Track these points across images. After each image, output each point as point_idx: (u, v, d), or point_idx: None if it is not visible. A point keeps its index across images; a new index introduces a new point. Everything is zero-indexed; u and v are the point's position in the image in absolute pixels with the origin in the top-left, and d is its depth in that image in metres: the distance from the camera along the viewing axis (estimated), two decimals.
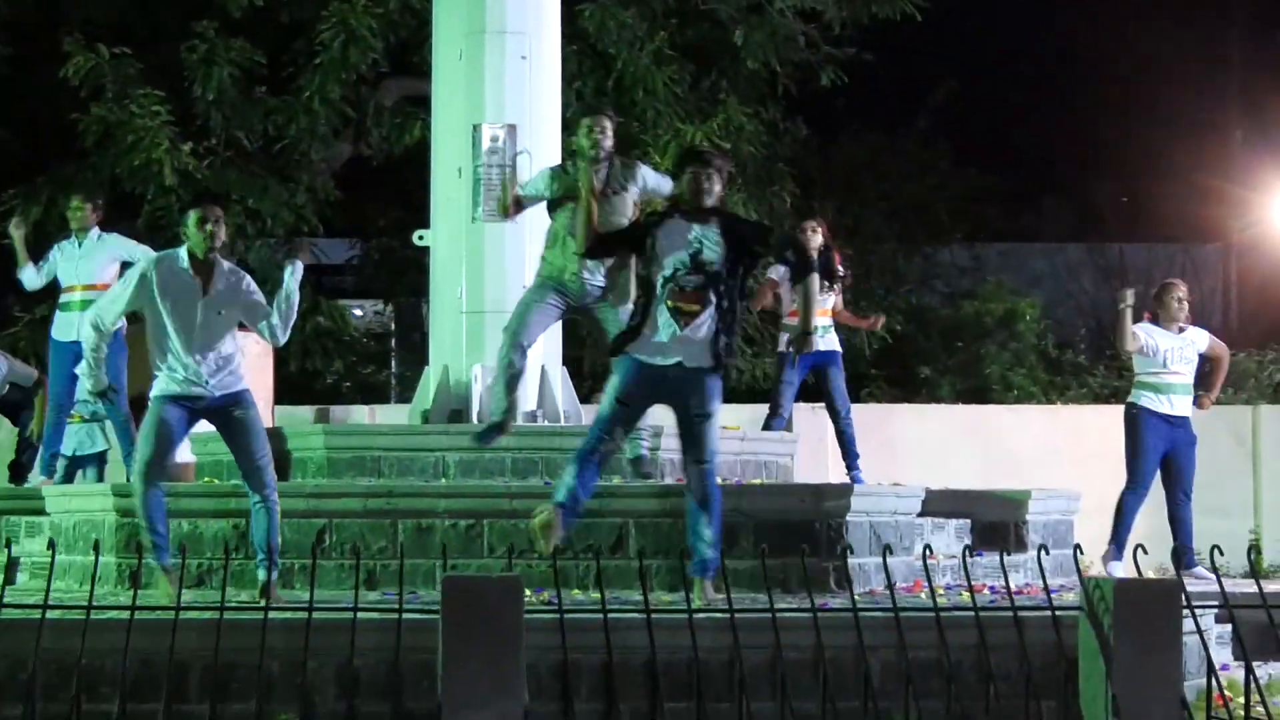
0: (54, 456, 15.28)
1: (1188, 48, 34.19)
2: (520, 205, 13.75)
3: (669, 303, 10.83)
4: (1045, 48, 36.79)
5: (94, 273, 14.99)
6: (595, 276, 12.97)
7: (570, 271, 12.94)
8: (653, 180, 13.28)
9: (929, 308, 29.27)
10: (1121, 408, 15.22)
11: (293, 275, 11.74)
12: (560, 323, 14.01)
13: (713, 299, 10.81)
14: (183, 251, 11.41)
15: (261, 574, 11.21)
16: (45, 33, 24.19)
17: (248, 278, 11.76)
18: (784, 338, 15.98)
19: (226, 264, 11.63)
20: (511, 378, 13.07)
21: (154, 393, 11.38)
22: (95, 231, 15.26)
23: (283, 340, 12.18)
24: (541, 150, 14.84)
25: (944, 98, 32.24)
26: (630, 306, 11.85)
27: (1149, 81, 33.56)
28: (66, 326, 15.05)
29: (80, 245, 15.16)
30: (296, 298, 11.80)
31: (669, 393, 11.07)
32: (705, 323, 10.83)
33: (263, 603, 9.98)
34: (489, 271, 14.59)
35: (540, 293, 13.13)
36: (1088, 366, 27.13)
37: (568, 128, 15.12)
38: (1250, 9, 32.62)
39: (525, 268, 14.12)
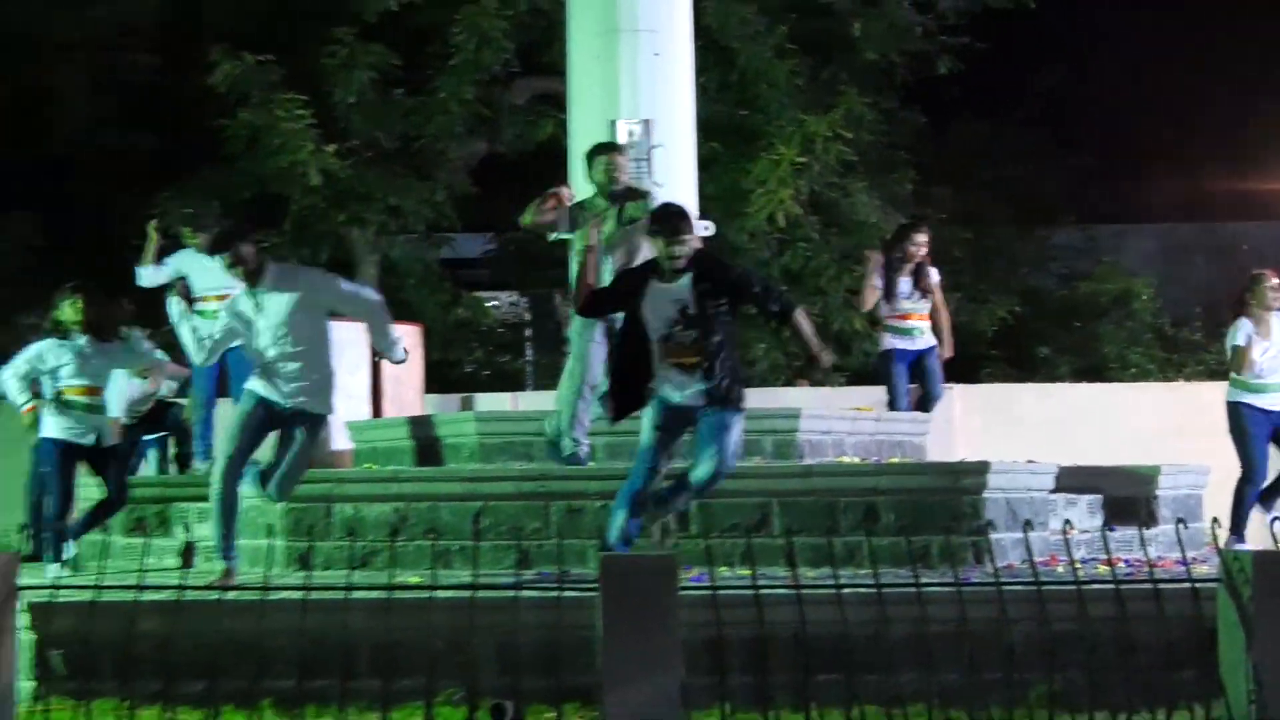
0: (209, 447, 15.41)
1: None
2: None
3: (670, 360, 11.01)
4: (1152, 31, 36.48)
5: (224, 282, 15.07)
6: None
7: None
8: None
9: (1044, 289, 29.09)
10: None
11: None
12: None
13: (710, 344, 10.94)
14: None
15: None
16: (191, 43, 24.41)
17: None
18: (885, 336, 15.97)
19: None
20: (576, 418, 13.15)
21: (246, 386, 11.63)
22: None
23: (401, 356, 12.30)
24: (675, 143, 14.90)
25: (1053, 82, 32.07)
26: None
27: (1262, 59, 33.22)
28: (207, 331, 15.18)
29: (212, 256, 15.20)
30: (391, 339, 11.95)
31: (696, 419, 11.20)
32: (705, 367, 10.96)
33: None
34: (629, 264, 14.60)
35: (588, 332, 13.18)
36: (1203, 343, 26.88)
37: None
38: None
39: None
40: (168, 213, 22.23)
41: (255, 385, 11.57)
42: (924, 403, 15.99)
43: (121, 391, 14.01)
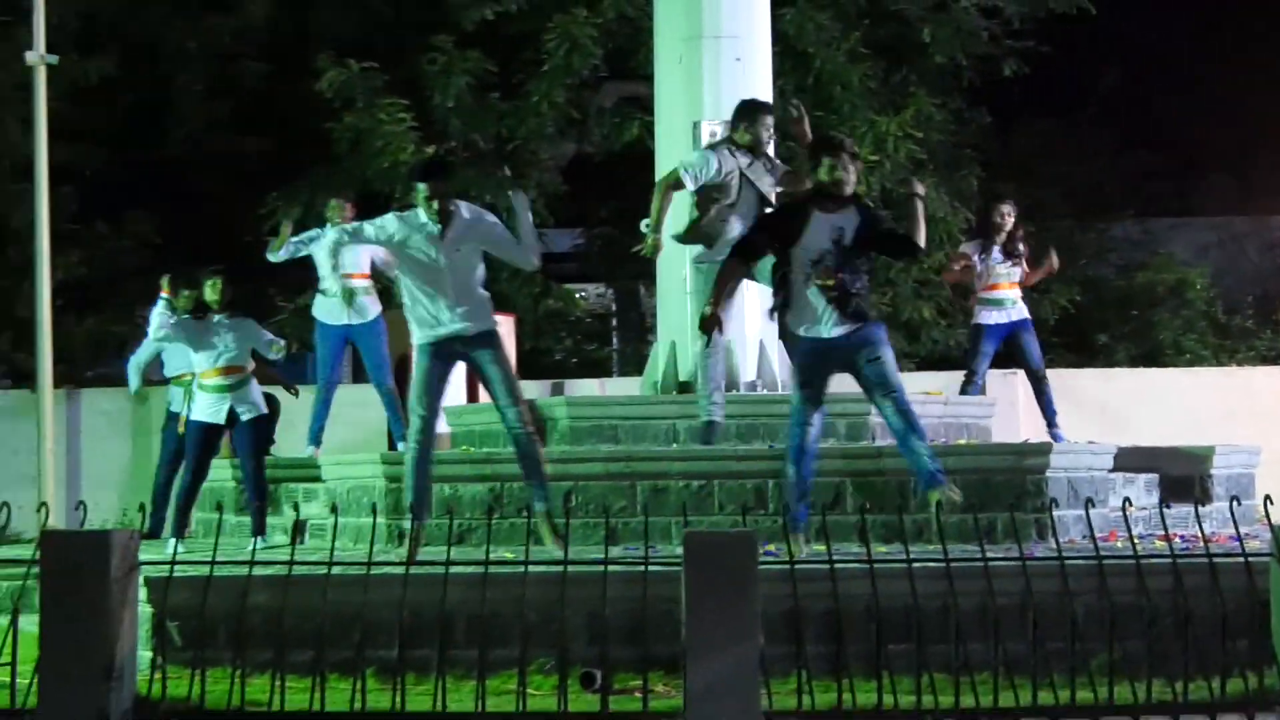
0: (320, 429, 15.45)
1: None
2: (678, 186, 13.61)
3: (817, 281, 10.97)
4: (1206, 34, 36.26)
5: (356, 263, 15.14)
6: None
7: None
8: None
9: (1103, 279, 28.91)
10: None
11: (519, 203, 11.87)
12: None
13: (849, 273, 10.95)
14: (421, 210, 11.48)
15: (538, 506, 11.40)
16: (298, 51, 24.54)
17: (488, 215, 11.85)
18: (978, 310, 15.85)
19: (464, 207, 11.67)
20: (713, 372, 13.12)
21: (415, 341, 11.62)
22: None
23: (536, 263, 12.33)
24: None
25: (1112, 83, 31.90)
26: None
27: None
28: (329, 310, 15.25)
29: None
30: (529, 218, 11.85)
31: (840, 360, 11.18)
32: (844, 291, 10.96)
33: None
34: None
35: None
36: (1255, 330, 26.71)
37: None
38: None
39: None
40: (280, 212, 22.50)
41: (419, 338, 11.54)
42: (1034, 382, 15.83)
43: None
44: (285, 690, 8.55)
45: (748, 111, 13.36)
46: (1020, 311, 15.74)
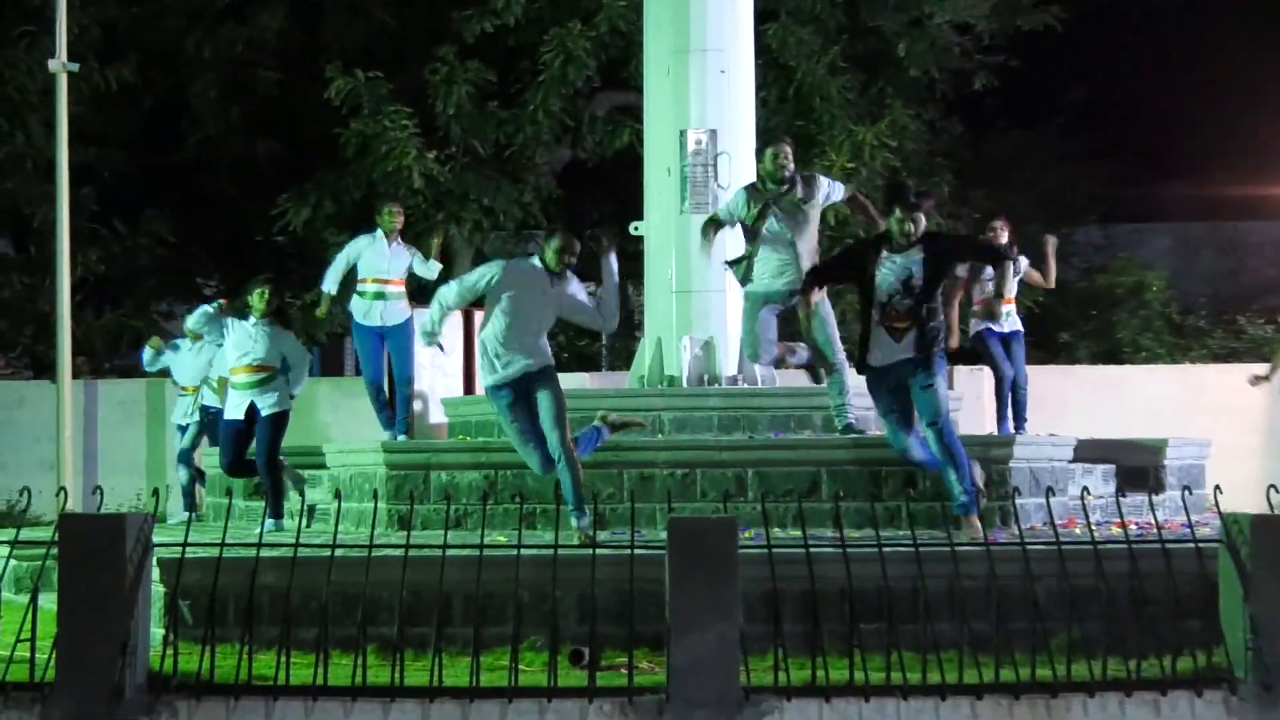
0: (390, 418, 15.27)
1: None
2: (719, 226, 13.74)
3: (886, 324, 11.24)
4: (1168, 48, 36.28)
5: (399, 270, 15.09)
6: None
7: (775, 289, 13.06)
8: (828, 188, 13.33)
9: (1067, 281, 28.74)
10: (1239, 366, 14.99)
11: (609, 268, 12.12)
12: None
13: (922, 313, 11.18)
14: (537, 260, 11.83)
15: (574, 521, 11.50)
16: (308, 60, 24.54)
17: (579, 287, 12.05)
18: (973, 323, 15.86)
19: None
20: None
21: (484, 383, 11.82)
22: (399, 239, 15.28)
23: (613, 326, 12.53)
24: (739, 151, 14.90)
25: (1078, 97, 31.92)
26: None
27: (1265, 75, 32.99)
28: (365, 312, 15.10)
29: (389, 246, 15.15)
30: (615, 282, 12.18)
31: (902, 381, 11.40)
32: (914, 331, 11.22)
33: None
34: (694, 256, 14.60)
35: (755, 311, 13.26)
36: (1208, 330, 26.73)
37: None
38: None
39: (726, 253, 14.13)
40: (287, 212, 22.48)
41: (489, 381, 11.74)
42: (1014, 389, 15.78)
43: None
44: (290, 665, 8.56)
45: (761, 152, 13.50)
46: (1013, 325, 15.76)
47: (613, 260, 12.07)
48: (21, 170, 23.62)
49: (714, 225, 13.83)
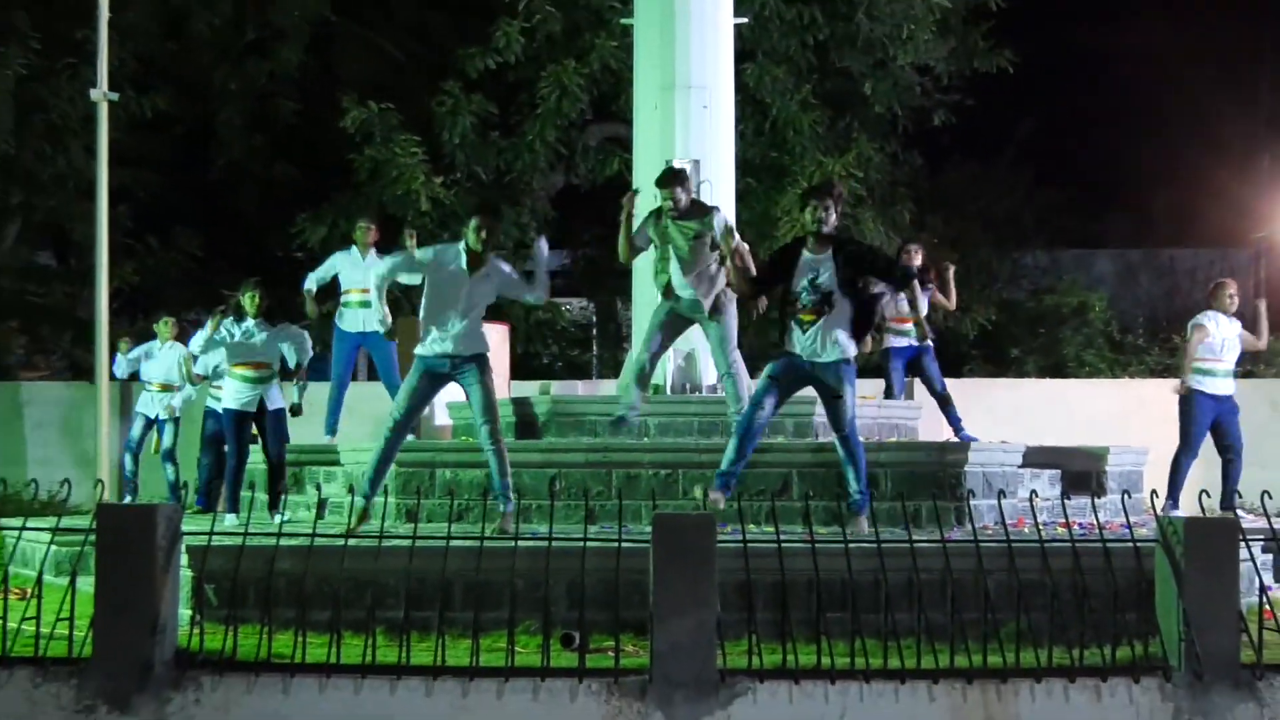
0: (335, 421, 15.42)
1: (1226, 89, 33.73)
2: (635, 250, 13.49)
3: (795, 316, 11.19)
4: (1110, 89, 36.49)
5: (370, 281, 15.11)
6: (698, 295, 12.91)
7: (682, 298, 12.92)
8: (720, 223, 13.20)
9: (1016, 301, 28.95)
10: (1174, 381, 14.99)
11: (538, 248, 12.01)
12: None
13: (826, 310, 11.10)
14: (461, 245, 11.54)
15: (501, 507, 11.38)
16: (325, 92, 24.54)
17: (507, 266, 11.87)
18: (886, 337, 15.89)
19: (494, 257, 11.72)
20: (641, 380, 13.04)
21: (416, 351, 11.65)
22: (373, 251, 15.36)
23: (543, 299, 12.30)
24: (719, 179, 14.90)
25: (1027, 132, 32.00)
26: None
27: (1196, 116, 33.18)
28: (349, 320, 15.23)
29: (364, 259, 15.26)
30: (544, 259, 12.01)
31: (805, 377, 11.36)
32: (820, 327, 11.11)
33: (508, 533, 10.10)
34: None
35: (660, 312, 13.07)
36: (1145, 348, 26.78)
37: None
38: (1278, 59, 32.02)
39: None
40: (304, 230, 22.47)
41: (422, 351, 11.57)
42: (941, 401, 15.79)
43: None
44: (306, 645, 8.53)
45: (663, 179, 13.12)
46: (919, 337, 15.76)
47: (543, 245, 12.03)
48: (64, 190, 23.62)
49: (632, 249, 13.52)
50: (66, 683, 8.35)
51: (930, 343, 15.86)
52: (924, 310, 15.76)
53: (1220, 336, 14.38)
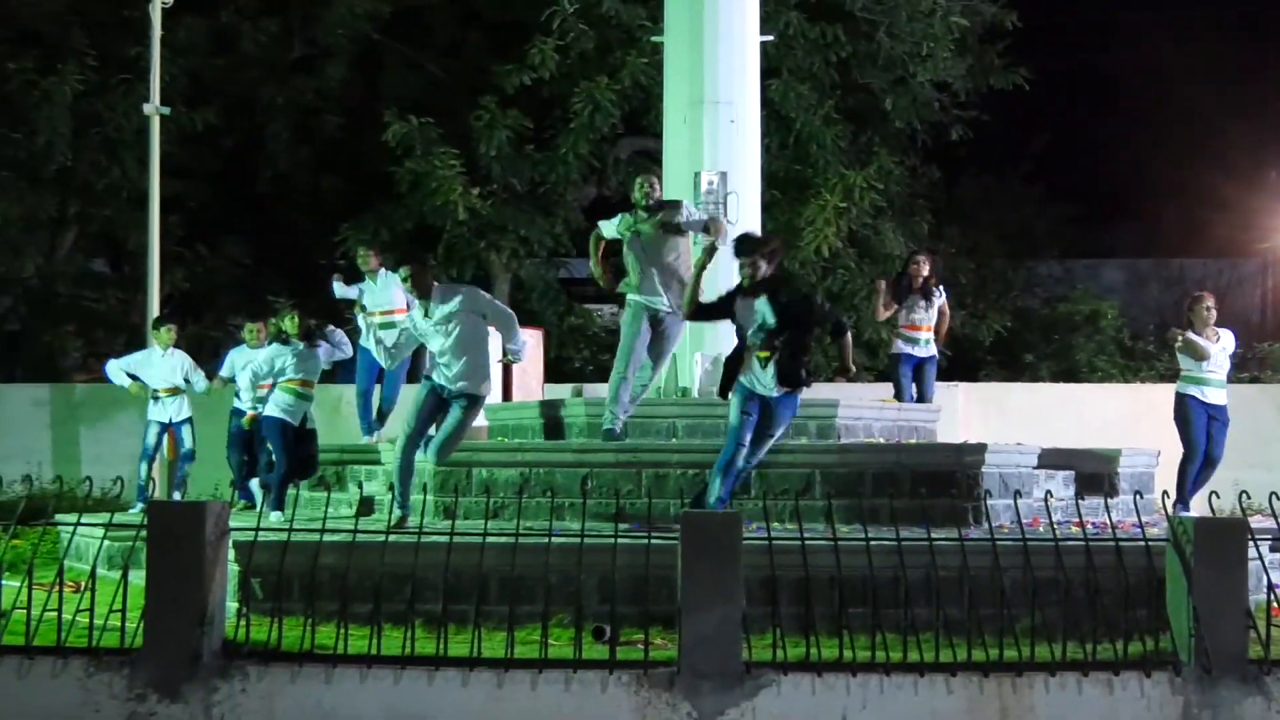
0: (370, 426, 15.44)
1: (1233, 105, 33.65)
2: (600, 239, 13.44)
3: (756, 354, 11.41)
4: (1120, 106, 36.38)
5: (391, 301, 15.16)
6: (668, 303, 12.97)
7: (655, 304, 12.98)
8: (689, 214, 13.19)
9: (1031, 309, 28.90)
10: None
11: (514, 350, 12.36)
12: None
13: (776, 347, 11.31)
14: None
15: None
16: (368, 107, 24.59)
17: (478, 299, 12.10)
18: (896, 343, 15.84)
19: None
20: (621, 392, 13.03)
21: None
22: (382, 271, 15.41)
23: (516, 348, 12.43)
24: (746, 191, 14.85)
25: (1041, 146, 31.93)
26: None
27: (1203, 131, 33.07)
28: (375, 338, 15.15)
29: (375, 282, 15.35)
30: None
31: (760, 405, 11.54)
32: (774, 363, 11.31)
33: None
34: (705, 282, 14.52)
35: (635, 325, 13.08)
36: (1155, 354, 26.68)
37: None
38: None
39: (732, 279, 14.05)
40: (348, 239, 22.51)
41: (432, 374, 11.92)
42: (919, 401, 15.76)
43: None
44: (348, 637, 8.54)
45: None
46: (930, 350, 15.69)
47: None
48: (118, 200, 23.73)
49: (598, 239, 13.58)
50: (119, 672, 8.37)
51: (936, 353, 15.79)
52: (934, 320, 15.69)
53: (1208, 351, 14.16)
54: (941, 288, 15.91)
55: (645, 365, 13.13)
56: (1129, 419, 19.49)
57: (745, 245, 11.66)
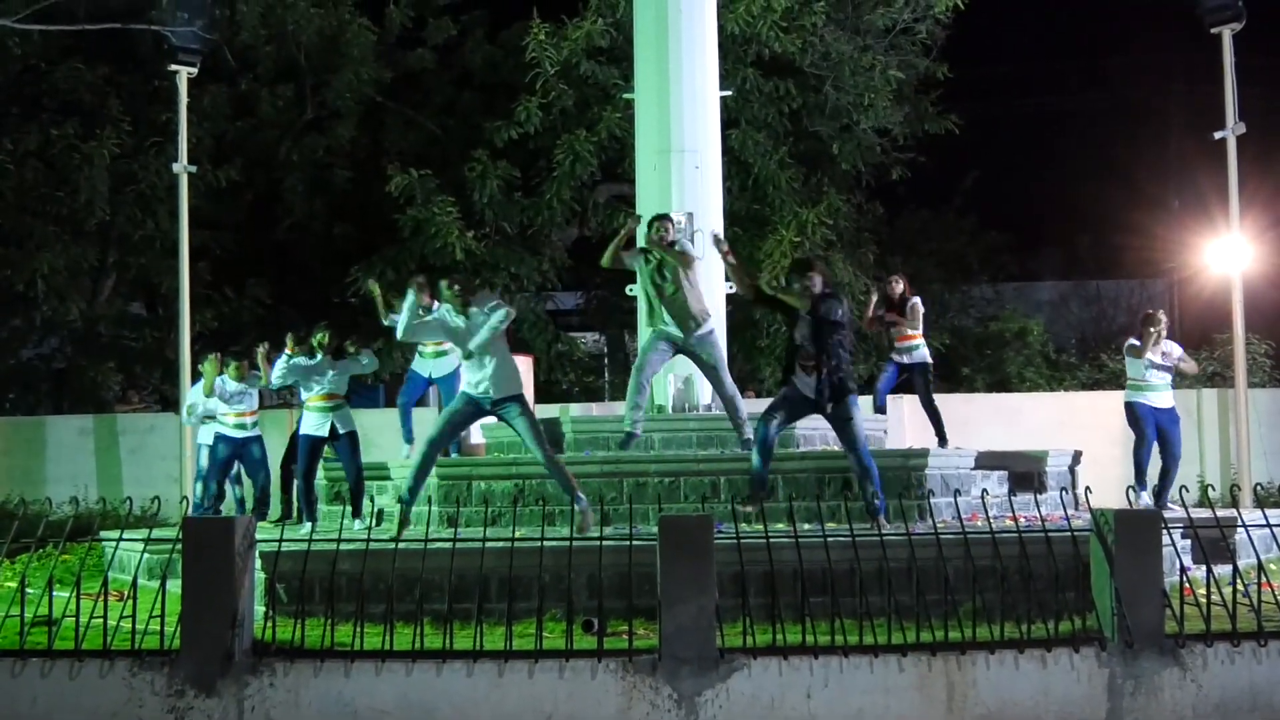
0: (410, 432, 15.19)
1: (1140, 141, 33.88)
2: (618, 260, 13.35)
3: (800, 362, 11.32)
4: (1042, 144, 36.54)
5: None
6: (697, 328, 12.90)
7: (672, 330, 12.91)
8: (689, 248, 13.22)
9: (966, 328, 28.90)
10: (1103, 393, 14.89)
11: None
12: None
13: (822, 357, 11.18)
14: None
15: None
16: (374, 162, 24.59)
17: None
18: (891, 356, 15.76)
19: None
20: (637, 405, 12.99)
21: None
22: (435, 304, 15.13)
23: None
24: (709, 228, 14.83)
25: (972, 182, 31.98)
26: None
27: (1115, 165, 33.26)
28: (420, 365, 14.93)
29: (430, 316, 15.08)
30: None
31: (811, 409, 11.44)
32: (816, 374, 11.21)
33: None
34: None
35: (654, 341, 13.04)
36: (1077, 365, 26.74)
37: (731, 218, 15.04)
38: (1184, 120, 32.01)
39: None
40: (360, 280, 22.45)
41: (464, 386, 11.65)
42: (930, 410, 15.55)
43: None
44: (364, 634, 8.52)
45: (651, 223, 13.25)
46: (922, 356, 15.61)
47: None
48: (152, 249, 23.69)
49: (616, 251, 13.38)
50: (159, 671, 8.34)
51: (926, 359, 15.58)
52: (918, 327, 15.56)
53: (1156, 352, 14.24)
54: (916, 298, 15.82)
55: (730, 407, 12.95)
56: (1055, 424, 19.53)
57: (800, 269, 11.52)
